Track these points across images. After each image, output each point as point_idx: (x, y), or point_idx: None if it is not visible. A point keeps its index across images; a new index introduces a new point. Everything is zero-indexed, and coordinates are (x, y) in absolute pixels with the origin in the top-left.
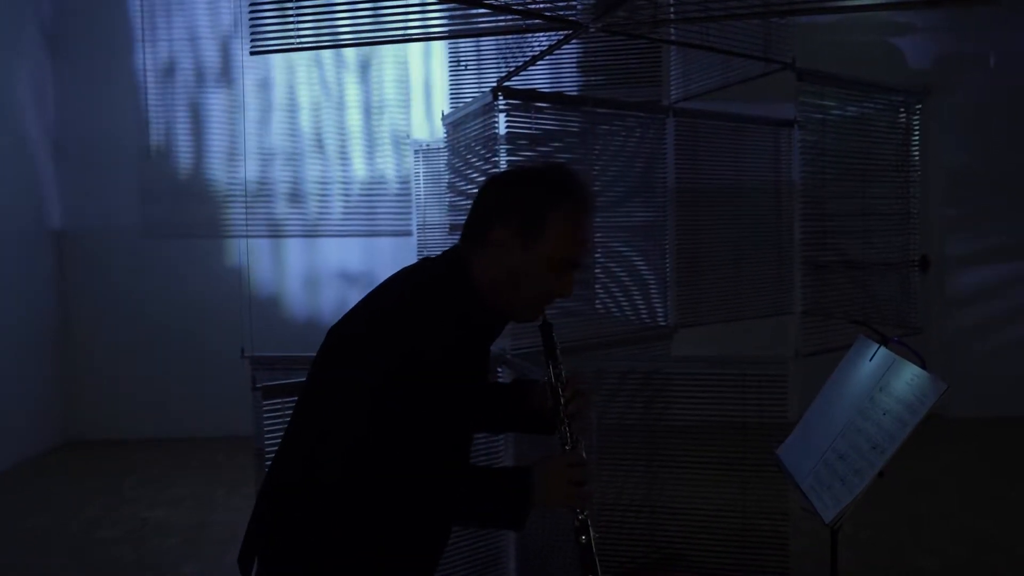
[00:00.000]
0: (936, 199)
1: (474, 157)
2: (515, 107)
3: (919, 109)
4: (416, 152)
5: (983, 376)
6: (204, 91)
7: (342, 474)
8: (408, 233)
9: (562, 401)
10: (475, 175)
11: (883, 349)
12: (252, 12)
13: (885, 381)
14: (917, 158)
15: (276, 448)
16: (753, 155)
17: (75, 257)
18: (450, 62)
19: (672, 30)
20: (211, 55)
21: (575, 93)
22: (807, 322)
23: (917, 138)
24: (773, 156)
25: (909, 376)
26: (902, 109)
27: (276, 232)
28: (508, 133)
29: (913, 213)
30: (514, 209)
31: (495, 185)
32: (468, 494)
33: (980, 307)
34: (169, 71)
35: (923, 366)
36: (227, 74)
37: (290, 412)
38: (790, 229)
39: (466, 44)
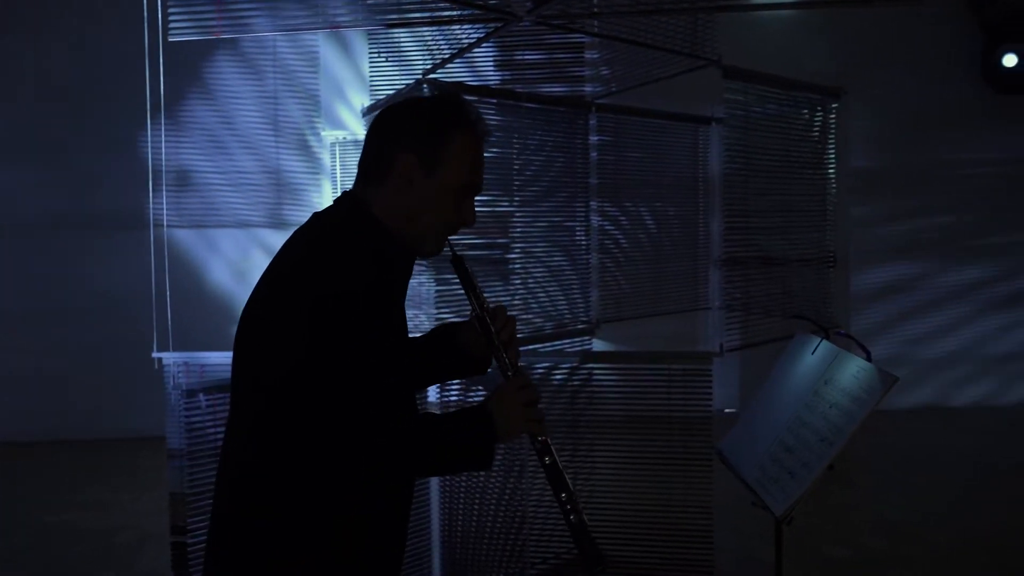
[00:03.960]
0: (844, 198)
1: None
2: None
3: (834, 108)
4: (332, 145)
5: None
6: (116, 77)
7: (296, 442)
8: None
9: (494, 330)
10: None
11: (825, 343)
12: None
13: (830, 374)
14: (833, 157)
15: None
16: (674, 152)
17: None
18: (370, 53)
19: (595, 23)
20: (124, 40)
21: (497, 87)
22: (730, 318)
23: (833, 137)
24: (692, 153)
25: (855, 369)
26: (819, 108)
27: (193, 223)
28: None
29: (829, 211)
30: (415, 137)
31: (390, 117)
32: (433, 440)
33: (883, 304)
34: (81, 55)
35: (868, 358)
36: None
37: (209, 411)
38: (707, 225)
39: (390, 34)
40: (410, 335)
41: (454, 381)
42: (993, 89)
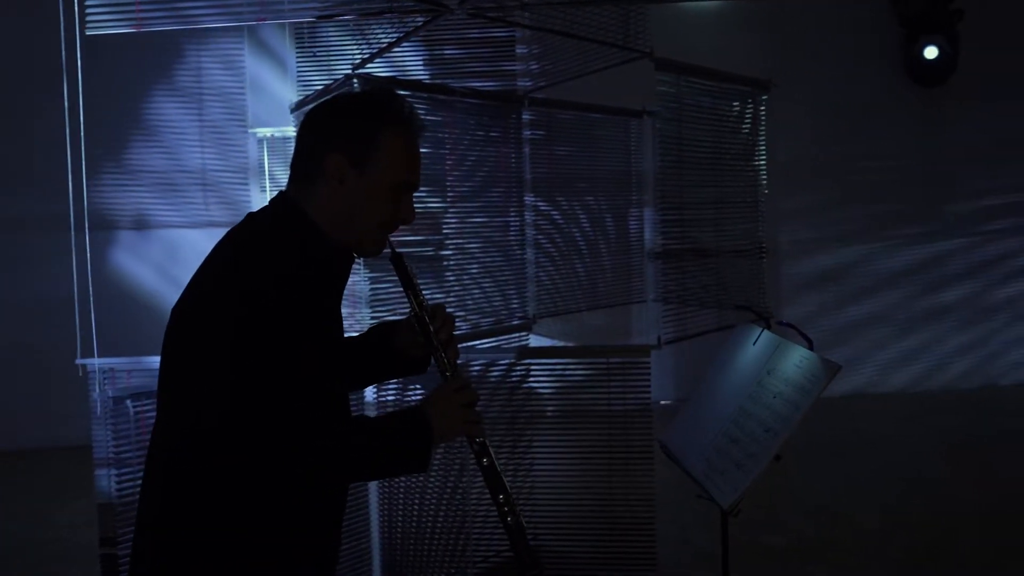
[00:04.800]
0: (772, 189)
1: None
2: None
3: (764, 101)
4: (261, 141)
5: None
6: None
7: (226, 445)
8: None
9: (432, 329)
10: None
11: (767, 333)
12: None
13: (772, 364)
14: (763, 149)
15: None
16: (607, 145)
17: None
18: (297, 48)
19: (527, 15)
20: (39, 33)
21: (429, 82)
22: (666, 310)
23: (763, 129)
24: (625, 146)
25: (797, 359)
26: (749, 101)
27: (118, 225)
28: None
29: (760, 202)
30: (345, 136)
31: (320, 116)
32: (368, 444)
33: (811, 294)
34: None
35: (810, 347)
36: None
37: (136, 418)
38: (641, 218)
39: (318, 28)
40: (346, 334)
41: (392, 380)
42: (914, 81)
